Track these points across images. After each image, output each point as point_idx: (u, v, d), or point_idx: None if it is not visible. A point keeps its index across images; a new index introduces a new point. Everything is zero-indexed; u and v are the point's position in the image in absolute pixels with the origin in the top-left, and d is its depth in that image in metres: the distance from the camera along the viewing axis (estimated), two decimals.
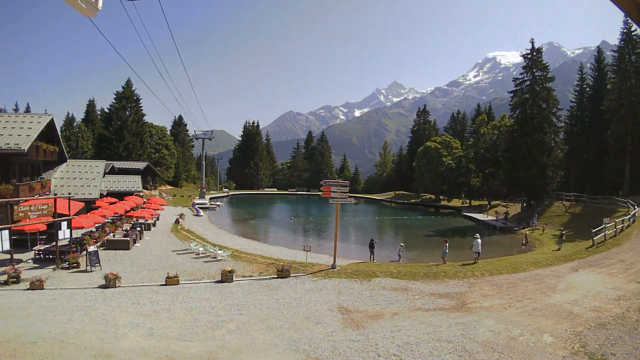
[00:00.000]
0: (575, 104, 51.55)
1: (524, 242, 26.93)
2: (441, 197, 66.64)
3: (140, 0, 6.60)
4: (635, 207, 27.49)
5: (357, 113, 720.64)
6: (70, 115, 71.68)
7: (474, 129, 64.69)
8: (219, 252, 19.36)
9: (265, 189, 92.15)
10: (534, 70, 40.33)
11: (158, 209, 30.52)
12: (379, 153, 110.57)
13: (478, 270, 16.19)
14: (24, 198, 18.51)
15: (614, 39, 45.66)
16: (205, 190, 60.47)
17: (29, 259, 17.26)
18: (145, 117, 66.99)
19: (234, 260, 18.06)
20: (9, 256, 15.43)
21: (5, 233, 14.50)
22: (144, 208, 27.79)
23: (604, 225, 22.37)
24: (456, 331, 9.68)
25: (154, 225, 28.84)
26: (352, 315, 10.90)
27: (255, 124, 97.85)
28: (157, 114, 74.00)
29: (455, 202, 62.18)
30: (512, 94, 42.48)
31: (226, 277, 14.25)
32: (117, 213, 25.47)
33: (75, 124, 69.37)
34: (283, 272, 15.02)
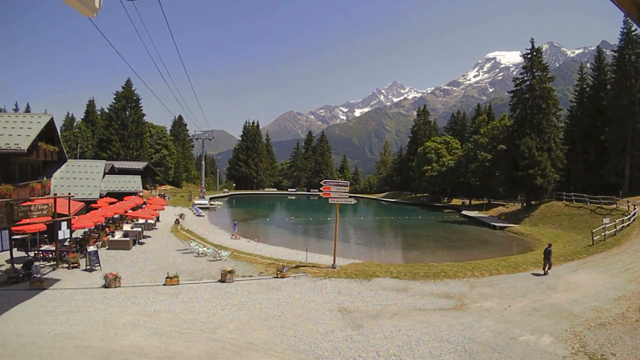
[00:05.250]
0: (575, 104, 51.51)
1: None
2: (441, 196, 66.68)
3: (140, 0, 6.60)
4: (635, 207, 27.50)
5: (357, 113, 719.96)
6: (70, 115, 71.81)
7: (473, 129, 64.70)
8: (219, 252, 19.34)
9: (265, 189, 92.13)
10: (534, 70, 40.40)
11: (158, 209, 30.49)
12: (379, 153, 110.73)
13: (478, 270, 16.19)
14: (24, 198, 18.50)
15: (614, 39, 45.71)
16: (205, 190, 60.43)
17: (29, 259, 17.23)
18: (145, 117, 67.16)
19: (234, 261, 18.04)
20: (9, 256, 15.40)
21: (5, 233, 14.49)
22: (144, 208, 27.76)
23: (603, 225, 22.38)
24: (456, 331, 9.69)
25: (154, 225, 28.83)
26: (352, 315, 10.90)
27: (255, 124, 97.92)
28: (157, 114, 74.06)
29: (456, 202, 62.24)
30: (512, 94, 42.55)
31: (226, 277, 14.25)
32: (117, 213, 25.45)
33: (75, 124, 69.41)
34: (283, 272, 15.01)
